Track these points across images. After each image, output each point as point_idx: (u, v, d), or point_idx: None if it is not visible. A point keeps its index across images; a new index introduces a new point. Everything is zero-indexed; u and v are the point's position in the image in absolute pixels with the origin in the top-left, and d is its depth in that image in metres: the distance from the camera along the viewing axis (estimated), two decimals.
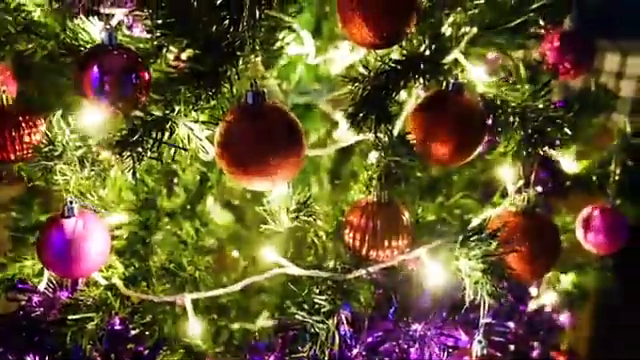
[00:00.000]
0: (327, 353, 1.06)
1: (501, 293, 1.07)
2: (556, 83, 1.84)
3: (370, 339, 1.12)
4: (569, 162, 1.40)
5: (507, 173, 1.25)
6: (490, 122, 1.15)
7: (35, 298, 1.17)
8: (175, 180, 1.36)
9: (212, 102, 1.02)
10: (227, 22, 0.97)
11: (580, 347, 2.11)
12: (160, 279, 1.20)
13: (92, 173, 1.03)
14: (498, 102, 1.14)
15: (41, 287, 1.17)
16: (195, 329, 1.14)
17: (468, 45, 1.13)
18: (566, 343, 1.74)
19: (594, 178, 1.39)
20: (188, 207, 1.34)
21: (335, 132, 1.48)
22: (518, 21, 1.14)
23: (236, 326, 1.31)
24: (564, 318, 1.69)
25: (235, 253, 1.41)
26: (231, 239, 1.39)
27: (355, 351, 1.11)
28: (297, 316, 1.05)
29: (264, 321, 1.31)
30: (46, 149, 1.00)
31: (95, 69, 0.97)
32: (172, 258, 1.24)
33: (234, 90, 1.02)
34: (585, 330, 2.12)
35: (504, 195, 1.25)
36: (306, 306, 1.06)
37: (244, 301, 1.33)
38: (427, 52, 1.09)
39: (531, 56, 1.23)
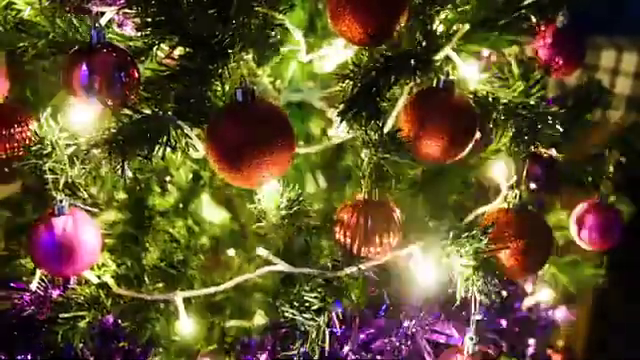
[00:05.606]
0: (318, 351, 1.06)
1: (493, 290, 1.07)
2: (551, 80, 1.84)
3: (362, 336, 1.12)
4: (563, 159, 1.39)
5: (500, 170, 1.25)
6: (482, 119, 1.14)
7: (27, 296, 1.17)
8: (167, 178, 1.36)
9: (202, 100, 1.02)
10: (216, 19, 0.96)
11: (577, 345, 2.11)
12: (152, 277, 1.20)
13: (82, 171, 1.03)
14: (490, 99, 1.13)
15: (33, 285, 1.16)
16: (187, 327, 1.14)
17: (459, 42, 1.13)
18: (562, 341, 1.73)
19: (588, 175, 1.39)
20: (181, 205, 1.33)
21: (329, 130, 1.47)
22: (510, 18, 1.14)
23: (229, 324, 1.30)
24: (560, 315, 1.68)
25: (228, 251, 1.41)
26: (224, 237, 1.39)
27: (347, 348, 1.11)
28: (288, 314, 1.05)
29: (256, 319, 1.30)
30: (36, 147, 1.00)
31: (84, 67, 0.96)
32: (164, 256, 1.24)
33: (225, 88, 1.02)
34: (582, 328, 2.12)
35: (497, 192, 1.25)
36: (297, 304, 1.06)
37: (237, 299, 1.32)
38: (418, 49, 1.09)
39: (523, 53, 1.22)
